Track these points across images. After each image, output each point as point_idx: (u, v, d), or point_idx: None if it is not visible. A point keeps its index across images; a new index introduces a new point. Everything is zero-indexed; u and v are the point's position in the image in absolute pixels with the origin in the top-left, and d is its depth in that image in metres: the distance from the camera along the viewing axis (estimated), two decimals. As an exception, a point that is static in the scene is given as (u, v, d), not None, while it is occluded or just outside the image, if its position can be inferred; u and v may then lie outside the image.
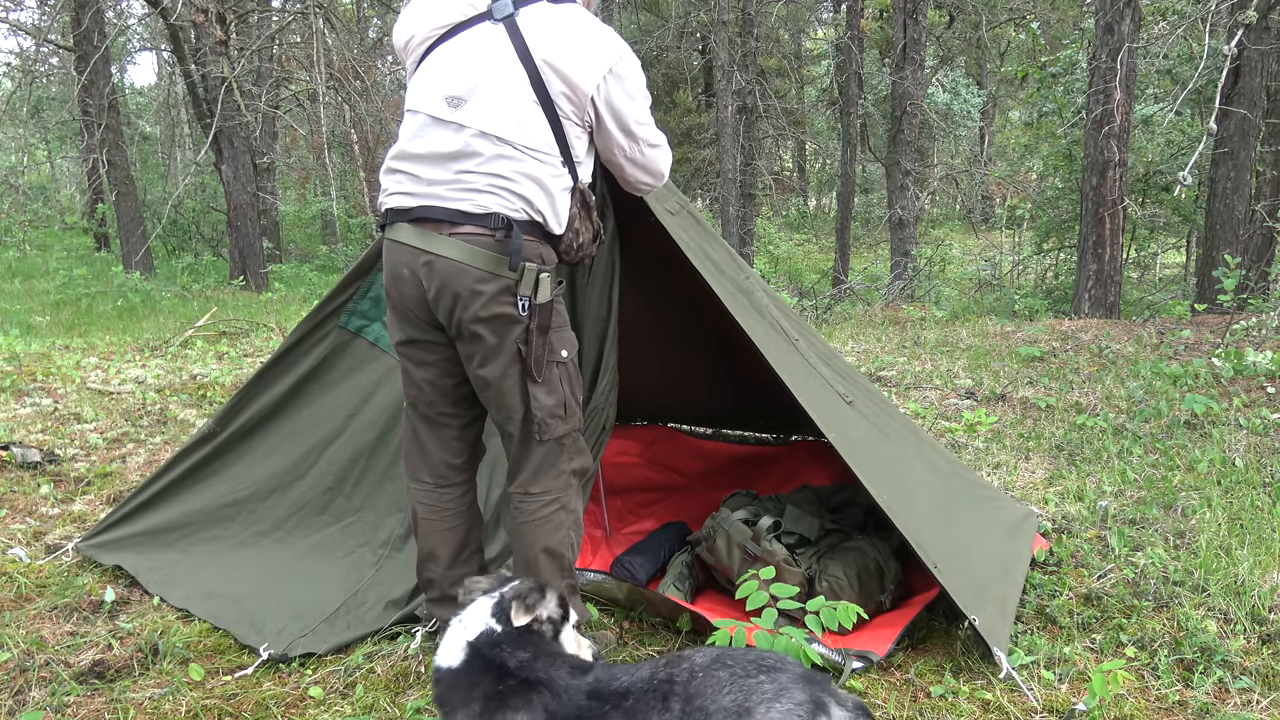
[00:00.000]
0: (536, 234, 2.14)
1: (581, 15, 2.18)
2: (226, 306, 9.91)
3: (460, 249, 2.09)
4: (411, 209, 2.16)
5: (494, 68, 2.11)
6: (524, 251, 2.10)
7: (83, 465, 4.11)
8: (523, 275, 2.10)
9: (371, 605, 2.68)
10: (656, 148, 2.28)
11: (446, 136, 2.13)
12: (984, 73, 21.66)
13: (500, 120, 2.09)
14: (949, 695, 2.28)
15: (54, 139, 20.24)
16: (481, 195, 2.10)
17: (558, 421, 2.22)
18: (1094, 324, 7.80)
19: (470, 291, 2.10)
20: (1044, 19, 15.51)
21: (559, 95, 2.10)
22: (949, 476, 3.06)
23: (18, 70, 15.98)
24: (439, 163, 2.13)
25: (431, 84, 2.17)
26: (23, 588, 2.89)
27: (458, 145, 2.11)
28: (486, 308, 2.11)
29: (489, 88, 2.11)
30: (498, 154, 2.09)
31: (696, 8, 16.19)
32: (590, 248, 2.28)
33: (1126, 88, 8.42)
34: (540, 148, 2.11)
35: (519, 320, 2.12)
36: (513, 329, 2.13)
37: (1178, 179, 5.09)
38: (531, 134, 2.10)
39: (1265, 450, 4.09)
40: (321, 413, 3.04)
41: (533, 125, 2.10)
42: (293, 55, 14.47)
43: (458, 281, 2.10)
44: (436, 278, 2.12)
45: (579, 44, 2.11)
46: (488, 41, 2.13)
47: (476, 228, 2.10)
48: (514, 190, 2.10)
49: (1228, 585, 2.77)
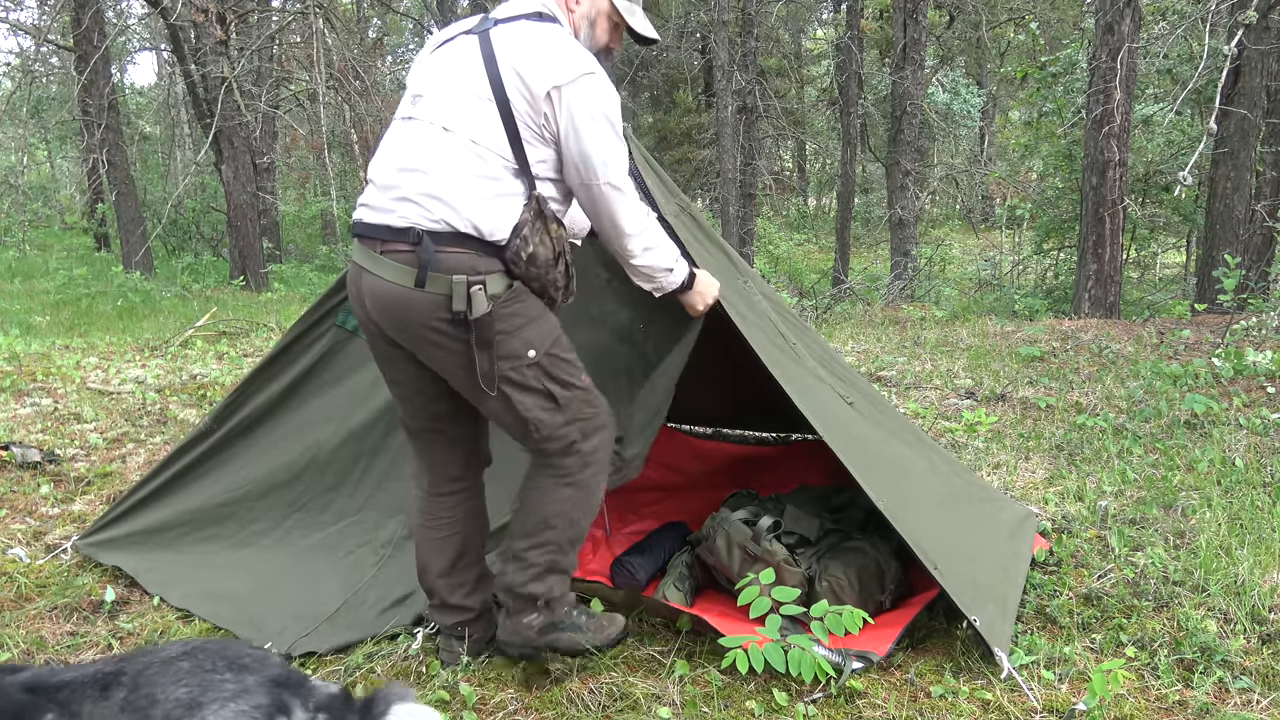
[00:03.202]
0: (466, 244, 2.03)
1: (559, 32, 2.14)
2: (226, 306, 9.90)
3: (388, 267, 2.05)
4: (358, 222, 2.15)
5: (455, 68, 2.12)
6: (444, 264, 2.01)
7: (83, 465, 4.11)
8: (452, 290, 2.01)
9: (373, 605, 2.68)
10: (620, 192, 2.13)
11: (402, 135, 2.13)
12: (984, 73, 21.66)
13: (449, 111, 2.07)
14: (949, 695, 2.28)
15: (54, 139, 20.23)
16: (404, 205, 2.05)
17: (550, 414, 2.15)
18: (1094, 324, 7.80)
19: (403, 311, 2.06)
20: (1044, 19, 15.52)
21: (514, 92, 2.04)
22: (949, 477, 3.06)
23: (18, 70, 15.97)
24: (389, 170, 2.11)
25: (407, 91, 2.22)
26: (23, 588, 2.89)
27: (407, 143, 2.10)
28: (420, 327, 2.07)
29: (445, 83, 2.12)
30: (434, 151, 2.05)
31: (696, 8, 16.19)
32: (554, 270, 2.13)
33: (1126, 88, 8.42)
34: (486, 144, 2.05)
35: (456, 337, 2.05)
36: (452, 347, 2.07)
37: (1178, 179, 5.09)
38: (479, 129, 2.05)
39: (1265, 450, 4.09)
40: (319, 412, 3.03)
41: (482, 120, 2.05)
42: (293, 55, 14.47)
43: (391, 301, 2.07)
44: (375, 299, 2.10)
45: (546, 50, 2.07)
46: (459, 48, 2.15)
47: (399, 243, 2.05)
48: (437, 196, 2.02)
49: (1228, 585, 2.77)
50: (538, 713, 2.24)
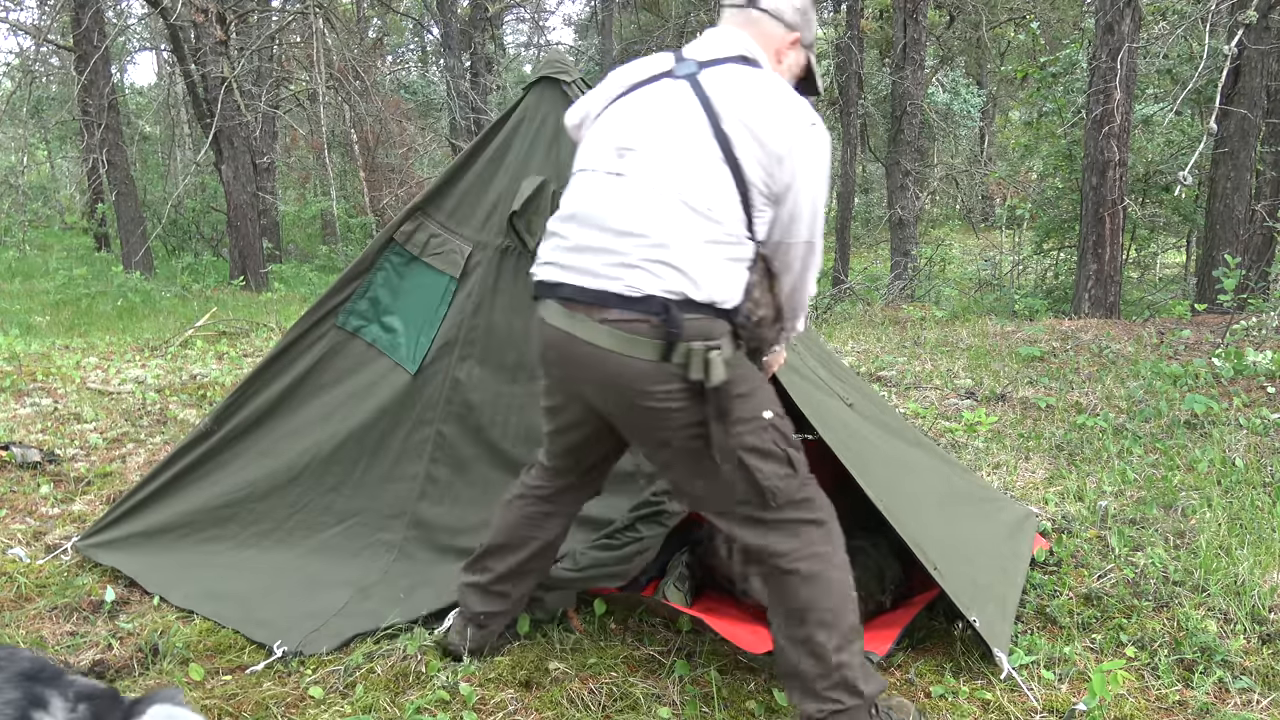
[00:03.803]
0: (701, 310, 1.85)
1: (779, 80, 1.97)
2: (226, 306, 9.91)
3: (613, 337, 1.86)
4: (560, 284, 1.94)
5: (670, 120, 1.91)
6: (685, 332, 1.83)
7: (83, 465, 4.11)
8: (689, 360, 1.83)
9: (380, 600, 2.68)
10: (814, 249, 1.98)
11: (612, 194, 1.91)
12: (984, 73, 21.66)
13: (673, 172, 1.87)
14: (949, 695, 2.28)
15: (54, 139, 20.24)
16: (634, 272, 1.85)
17: (787, 481, 1.96)
18: (1094, 324, 7.80)
19: (629, 382, 1.87)
20: (1044, 19, 15.51)
21: (747, 154, 1.86)
22: (949, 477, 3.05)
23: (18, 70, 15.97)
24: (595, 228, 1.91)
25: (599, 140, 2.00)
26: (23, 588, 2.89)
27: (623, 204, 1.89)
28: (644, 398, 1.87)
29: (662, 137, 1.90)
30: (659, 215, 1.86)
31: (696, 8, 16.18)
32: (771, 330, 2.00)
33: (1126, 88, 8.42)
34: (718, 209, 1.86)
35: (688, 409, 1.87)
36: (679, 419, 1.89)
37: (1178, 179, 5.09)
38: (709, 194, 1.86)
39: (1265, 450, 4.09)
40: (319, 413, 3.03)
41: (712, 184, 1.86)
42: (293, 55, 14.47)
43: (616, 373, 1.88)
44: (590, 369, 1.91)
45: (776, 104, 1.89)
46: (667, 94, 1.94)
47: (629, 312, 1.85)
48: (670, 264, 1.84)
49: (1228, 585, 2.77)
50: (538, 713, 2.24)
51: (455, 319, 2.90)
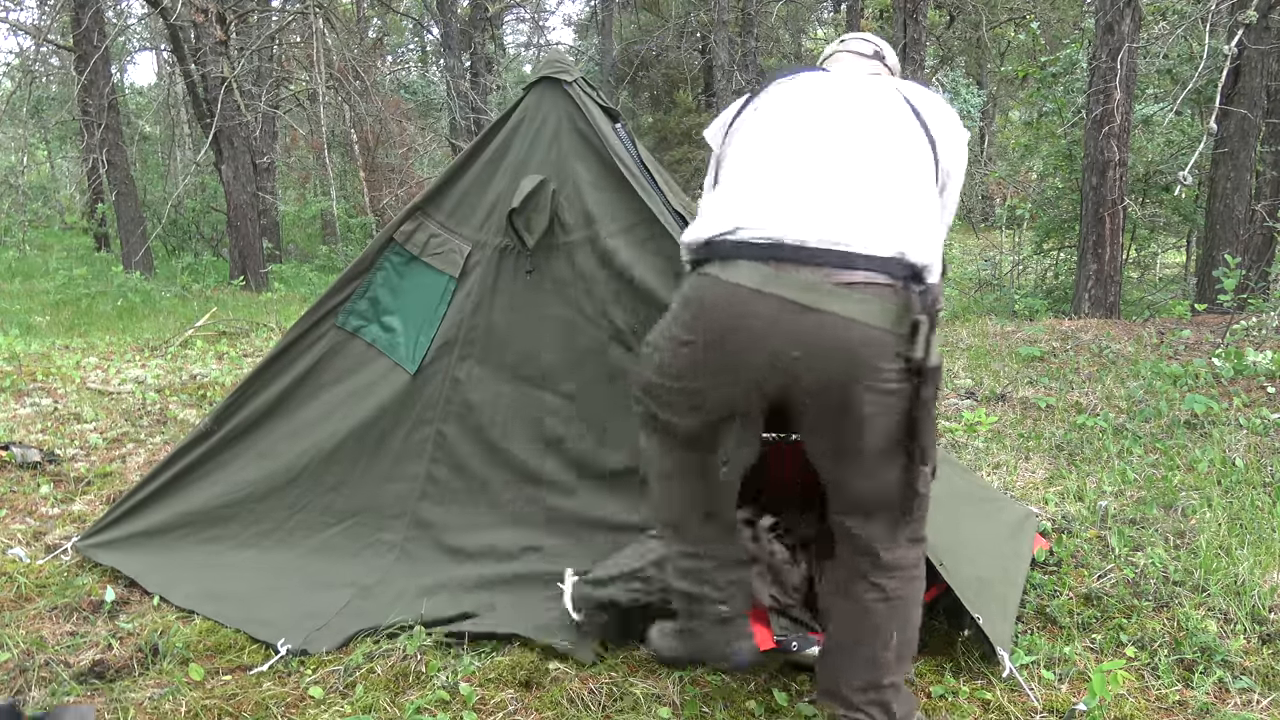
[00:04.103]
0: (924, 283, 1.74)
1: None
2: (226, 306, 9.91)
3: (855, 304, 1.65)
4: (781, 244, 1.69)
5: (876, 105, 1.91)
6: (919, 303, 1.67)
7: (83, 465, 4.11)
8: (916, 332, 1.66)
9: (382, 601, 2.68)
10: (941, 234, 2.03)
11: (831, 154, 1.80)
12: (984, 73, 21.67)
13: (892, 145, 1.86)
14: (949, 695, 2.28)
15: (54, 139, 20.24)
16: (875, 233, 1.70)
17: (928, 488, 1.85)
18: (1094, 324, 7.80)
19: (866, 358, 1.66)
20: (1044, 19, 15.52)
21: (942, 140, 1.94)
22: (949, 477, 3.05)
23: (18, 70, 15.97)
24: (821, 189, 1.75)
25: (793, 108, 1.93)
26: (23, 588, 2.89)
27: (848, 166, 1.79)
28: (874, 376, 1.67)
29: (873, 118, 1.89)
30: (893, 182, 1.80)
31: (696, 8, 16.19)
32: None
33: (1126, 88, 8.42)
34: (926, 184, 1.87)
35: (902, 392, 1.69)
36: (893, 403, 1.70)
37: (1178, 179, 5.09)
38: (925, 172, 1.88)
39: (1265, 450, 4.09)
40: (319, 413, 3.03)
41: (923, 163, 1.88)
42: (293, 55, 14.48)
43: (856, 346, 1.65)
44: (815, 339, 1.66)
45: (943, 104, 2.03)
46: (865, 85, 1.98)
47: (876, 274, 1.67)
48: (912, 225, 1.75)
49: (1228, 585, 2.77)
50: (538, 713, 2.24)
51: (455, 318, 2.91)
